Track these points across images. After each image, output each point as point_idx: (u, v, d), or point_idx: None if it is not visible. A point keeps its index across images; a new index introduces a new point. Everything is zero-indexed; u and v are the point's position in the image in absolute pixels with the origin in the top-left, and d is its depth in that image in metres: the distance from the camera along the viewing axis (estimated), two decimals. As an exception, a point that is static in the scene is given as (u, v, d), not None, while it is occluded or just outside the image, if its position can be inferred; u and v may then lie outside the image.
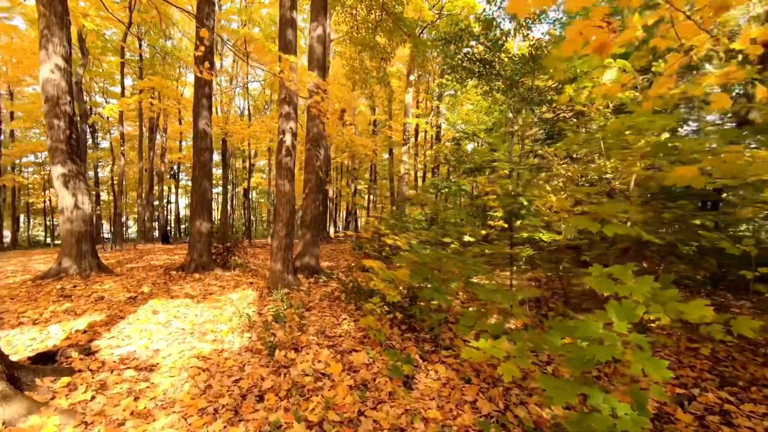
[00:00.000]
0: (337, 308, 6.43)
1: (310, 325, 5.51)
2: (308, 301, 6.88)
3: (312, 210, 9.22)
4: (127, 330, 5.32)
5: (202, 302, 6.93)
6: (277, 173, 7.80)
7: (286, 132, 7.75)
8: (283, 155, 7.73)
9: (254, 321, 5.52)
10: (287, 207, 7.75)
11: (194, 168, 10.29)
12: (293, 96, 7.90)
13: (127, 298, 7.15)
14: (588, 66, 5.68)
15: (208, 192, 10.31)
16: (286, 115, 7.79)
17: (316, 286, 8.32)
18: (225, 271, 10.32)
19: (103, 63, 30.09)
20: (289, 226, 7.79)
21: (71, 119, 9.35)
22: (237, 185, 42.76)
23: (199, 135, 10.21)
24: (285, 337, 4.91)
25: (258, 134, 20.70)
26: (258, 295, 7.39)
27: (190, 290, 7.92)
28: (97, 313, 6.11)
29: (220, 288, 8.24)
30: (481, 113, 17.30)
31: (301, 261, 9.08)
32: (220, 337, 5.09)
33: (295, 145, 7.99)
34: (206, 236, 10.28)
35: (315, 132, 9.26)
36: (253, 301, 6.91)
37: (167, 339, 5.03)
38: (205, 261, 10.18)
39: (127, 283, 8.63)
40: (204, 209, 10.25)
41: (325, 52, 9.42)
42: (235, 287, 8.31)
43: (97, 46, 25.91)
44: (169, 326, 5.52)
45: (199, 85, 10.27)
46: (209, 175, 10.38)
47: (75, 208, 9.34)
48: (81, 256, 9.40)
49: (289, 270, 7.81)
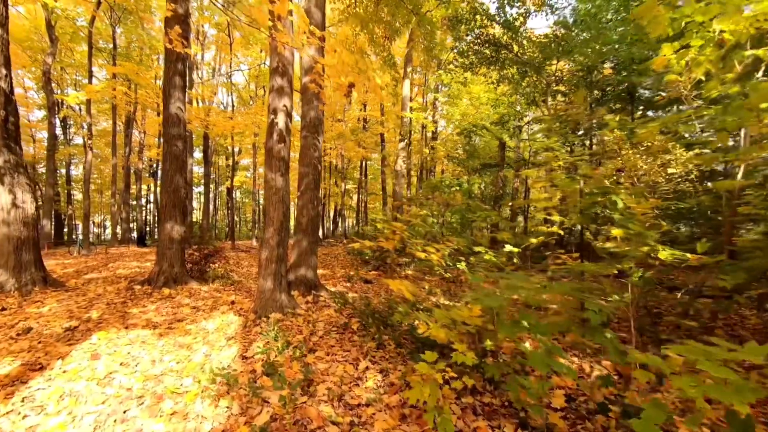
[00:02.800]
0: (350, 345, 4.63)
1: (319, 380, 3.71)
2: (309, 333, 5.07)
3: (309, 211, 7.40)
4: (41, 394, 3.44)
5: (165, 336, 5.06)
6: (266, 164, 5.97)
7: (279, 111, 5.92)
8: (274, 141, 5.90)
9: (236, 376, 3.69)
10: (280, 207, 5.92)
11: (164, 160, 8.36)
12: (288, 66, 6.08)
13: (65, 329, 5.23)
14: (707, 13, 4.01)
15: (181, 189, 8.39)
16: (278, 90, 5.97)
17: (316, 306, 6.50)
18: (202, 285, 8.42)
19: (75, 53, 27.69)
20: (283, 231, 5.96)
21: (8, 98, 7.39)
22: (220, 184, 40.45)
23: (170, 120, 8.28)
24: (282, 409, 3.11)
25: (242, 128, 18.68)
26: (242, 323, 5.54)
27: (154, 315, 6.02)
28: (11, 356, 4.20)
29: (193, 311, 6.35)
30: (484, 106, 15.68)
31: (295, 273, 7.25)
32: (183, 407, 3.26)
33: (290, 129, 6.16)
34: (179, 242, 8.36)
35: (312, 116, 7.44)
36: (234, 335, 5.06)
37: (100, 412, 3.18)
38: (177, 273, 8.26)
39: (75, 304, 6.68)
40: (176, 210, 8.32)
41: (323, 19, 7.61)
42: (213, 309, 6.44)
43: (66, 32, 23.55)
44: (110, 384, 3.65)
45: (171, 59, 8.34)
46: (183, 169, 8.46)
47: (13, 207, 7.40)
48: (20, 267, 7.45)
49: (282, 287, 5.99)
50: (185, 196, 8.56)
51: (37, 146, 32.37)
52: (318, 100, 7.42)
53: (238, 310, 6.34)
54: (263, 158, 29.38)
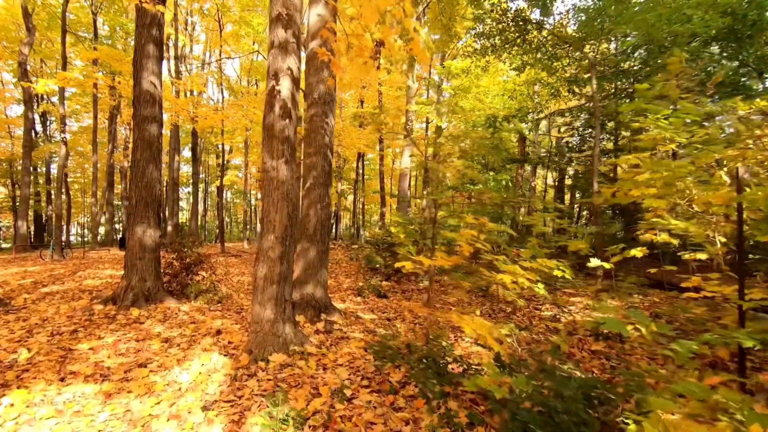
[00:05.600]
0: (399, 422, 2.93)
1: None
2: (330, 393, 3.37)
3: (317, 211, 5.70)
4: None
5: (115, 397, 3.33)
6: (265, 148, 4.26)
7: (282, 75, 4.22)
8: (276, 116, 4.19)
9: None
10: (284, 207, 4.21)
11: (135, 148, 6.59)
12: (295, 12, 4.38)
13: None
14: None
15: (155, 184, 6.63)
16: (281, 47, 4.27)
17: (330, 339, 4.80)
18: (181, 303, 6.66)
19: (55, 44, 25.55)
20: (287, 239, 4.25)
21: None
22: (209, 184, 38.42)
23: (142, 98, 6.52)
24: None
25: (233, 122, 16.86)
26: (230, 372, 3.81)
27: (108, 355, 4.27)
28: None
29: (163, 346, 4.60)
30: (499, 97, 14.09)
31: (300, 291, 5.54)
32: None
33: (297, 100, 4.46)
34: (152, 250, 6.59)
35: (322, 91, 5.74)
36: (217, 397, 3.34)
37: None
38: (149, 288, 6.49)
39: (7, 335, 4.91)
40: (149, 209, 6.56)
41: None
42: (192, 343, 4.70)
43: (43, 19, 21.47)
44: None
45: (144, 23, 6.59)
46: (157, 159, 6.69)
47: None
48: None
49: (286, 316, 4.28)
50: (160, 192, 6.80)
51: (16, 143, 30.10)
52: (329, 71, 5.74)
53: (225, 345, 4.60)
54: (255, 157, 27.42)
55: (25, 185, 18.88)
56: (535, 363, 2.78)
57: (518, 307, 6.66)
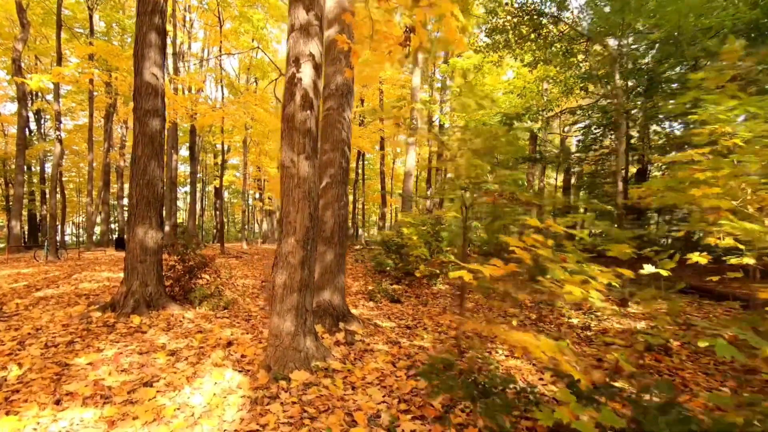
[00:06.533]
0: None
1: None
2: (367, 419, 2.94)
3: (335, 211, 5.26)
4: None
5: (120, 423, 2.88)
6: (284, 142, 3.82)
7: (304, 60, 3.78)
8: (296, 106, 3.75)
9: None
10: (306, 206, 3.77)
11: (135, 143, 6.11)
12: (318, -9, 3.95)
13: (-54, 410, 3.01)
14: None
15: (158, 181, 6.16)
16: (302, 30, 3.82)
17: (353, 352, 4.36)
18: (185, 309, 6.20)
19: (50, 41, 24.89)
20: (309, 243, 3.81)
21: None
22: (207, 184, 37.81)
23: (143, 90, 6.05)
24: None
25: (233, 120, 16.36)
26: (248, 393, 3.37)
27: (109, 371, 3.81)
28: None
29: (170, 360, 4.15)
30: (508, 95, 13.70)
31: (317, 298, 5.10)
32: None
33: (319, 89, 4.02)
34: (155, 253, 6.13)
35: (339, 82, 5.31)
36: (240, 425, 2.89)
37: None
38: (151, 293, 6.02)
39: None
40: (151, 209, 6.09)
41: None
42: (201, 356, 4.24)
43: (37, 14, 20.83)
44: None
45: (145, 11, 6.11)
46: (159, 156, 6.21)
47: None
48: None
49: (308, 328, 3.84)
50: (163, 191, 6.33)
51: (9, 141, 29.36)
52: (346, 61, 5.30)
53: (238, 359, 4.15)
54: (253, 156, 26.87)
55: (18, 184, 18.31)
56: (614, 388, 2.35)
57: (569, 320, 6.27)
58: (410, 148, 15.66)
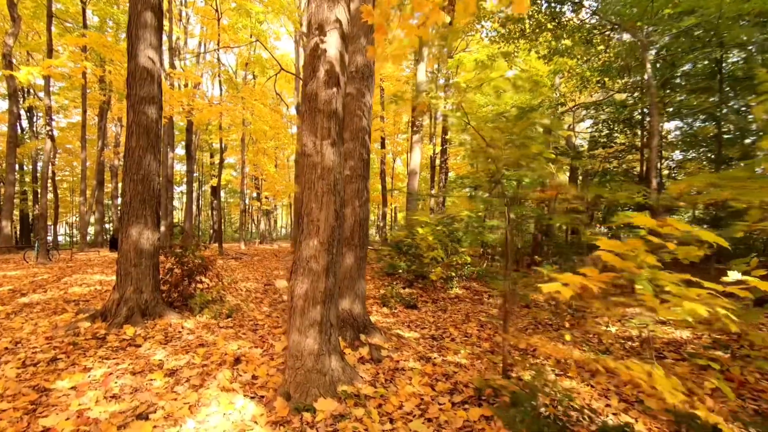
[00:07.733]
0: None
1: None
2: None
3: (355, 209, 4.64)
4: None
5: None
6: (306, 125, 3.20)
7: (329, 28, 3.16)
8: (320, 82, 3.14)
9: None
10: (331, 202, 3.15)
11: (129, 134, 5.45)
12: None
13: None
14: None
15: (154, 177, 5.50)
16: (326, -7, 3.21)
17: (382, 371, 3.74)
18: (184, 318, 5.55)
19: (42, 36, 24.04)
20: (333, 245, 3.19)
21: None
22: (203, 183, 36.98)
23: (137, 74, 5.39)
24: None
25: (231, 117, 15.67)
26: (266, 426, 2.74)
27: (96, 400, 3.16)
28: None
29: (169, 382, 3.51)
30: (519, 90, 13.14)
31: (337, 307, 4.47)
32: None
33: (345, 62, 3.40)
34: (150, 256, 5.48)
35: (360, 63, 4.69)
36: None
37: None
38: (147, 300, 5.37)
39: (-37, 368, 3.77)
40: (146, 207, 5.44)
41: None
42: (204, 378, 3.60)
43: (28, 8, 20.02)
44: None
45: (140, -13, 5.47)
46: (156, 148, 5.55)
47: None
48: None
49: (332, 345, 3.22)
50: (158, 188, 5.66)
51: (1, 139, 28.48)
52: (366, 39, 4.69)
53: (249, 381, 3.51)
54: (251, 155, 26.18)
55: (9, 183, 17.55)
56: None
57: (606, 329, 5.67)
58: (416, 146, 15.04)
